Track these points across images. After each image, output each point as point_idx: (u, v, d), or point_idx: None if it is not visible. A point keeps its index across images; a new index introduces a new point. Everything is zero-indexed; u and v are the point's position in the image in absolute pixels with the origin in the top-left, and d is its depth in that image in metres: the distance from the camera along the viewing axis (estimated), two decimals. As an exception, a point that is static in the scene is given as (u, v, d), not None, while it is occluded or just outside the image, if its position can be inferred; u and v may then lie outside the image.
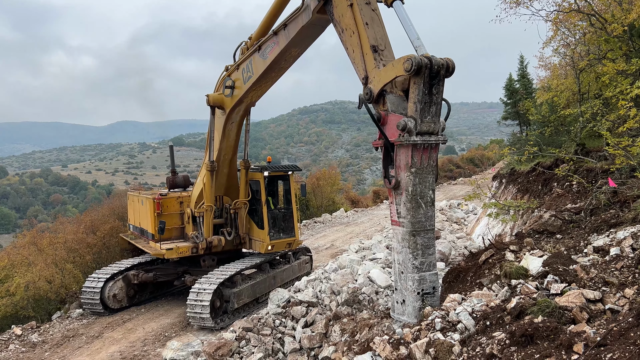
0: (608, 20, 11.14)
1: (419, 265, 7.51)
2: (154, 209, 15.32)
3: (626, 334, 4.19)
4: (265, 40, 11.93)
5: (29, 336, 13.62)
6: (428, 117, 7.16)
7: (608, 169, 9.52)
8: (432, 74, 6.93)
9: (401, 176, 7.41)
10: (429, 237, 7.60)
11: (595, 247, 6.62)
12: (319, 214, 32.76)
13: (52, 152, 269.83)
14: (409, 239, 7.45)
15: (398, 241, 7.67)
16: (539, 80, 25.85)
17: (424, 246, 7.53)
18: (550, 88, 17.06)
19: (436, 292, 7.73)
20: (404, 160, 7.33)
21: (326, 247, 22.33)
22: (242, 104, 14.05)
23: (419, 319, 7.46)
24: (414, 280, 7.47)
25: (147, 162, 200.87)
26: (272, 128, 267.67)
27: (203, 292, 12.97)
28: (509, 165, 18.89)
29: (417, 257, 7.49)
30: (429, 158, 7.41)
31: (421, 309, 7.50)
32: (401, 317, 7.76)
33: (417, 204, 7.41)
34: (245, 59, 13.04)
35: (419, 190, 7.40)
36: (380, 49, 7.99)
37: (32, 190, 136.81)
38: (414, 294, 7.48)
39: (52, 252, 18.77)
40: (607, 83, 10.99)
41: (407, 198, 7.38)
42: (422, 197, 7.46)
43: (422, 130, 7.17)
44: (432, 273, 7.69)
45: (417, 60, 6.78)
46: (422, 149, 7.26)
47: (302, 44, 11.35)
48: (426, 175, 7.45)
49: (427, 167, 7.43)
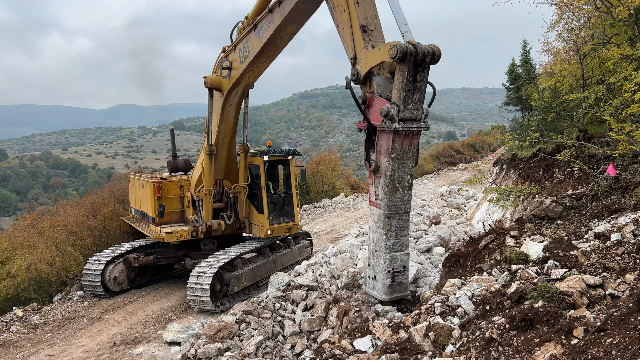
0: (614, 4, 10.98)
1: (392, 246, 7.89)
2: (154, 192, 15.31)
3: (626, 319, 4.19)
4: (261, 19, 11.84)
5: (31, 318, 13.72)
6: (411, 104, 7.23)
7: (610, 154, 9.48)
8: (417, 61, 6.95)
9: (381, 160, 7.59)
10: (403, 219, 7.91)
11: (596, 233, 6.62)
12: (319, 199, 32.76)
13: (52, 135, 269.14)
14: (384, 221, 7.76)
15: (374, 221, 7.98)
16: (542, 66, 25.63)
17: (397, 228, 7.88)
18: (553, 73, 16.91)
19: (406, 270, 8.14)
20: (385, 145, 7.48)
21: (326, 232, 22.38)
22: (239, 85, 13.96)
23: (387, 295, 8.00)
24: (385, 259, 7.90)
25: (147, 145, 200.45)
26: (273, 112, 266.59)
27: (203, 275, 13.01)
28: (510, 151, 18.83)
29: (390, 238, 7.85)
30: (409, 144, 7.56)
31: (390, 286, 7.98)
32: (371, 291, 8.28)
33: (395, 188, 7.65)
34: (242, 38, 12.94)
35: (398, 175, 7.61)
36: (370, 29, 7.99)
37: (33, 173, 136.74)
38: (384, 272, 7.93)
39: (53, 234, 18.81)
40: (611, 68, 10.87)
41: (385, 182, 7.60)
42: (400, 182, 7.68)
43: (405, 117, 7.26)
44: (404, 253, 8.07)
45: (402, 48, 6.78)
46: (403, 135, 7.39)
47: (297, 21, 11.28)
48: (406, 161, 7.65)
49: (408, 152, 7.61)
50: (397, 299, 8.31)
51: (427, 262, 12.69)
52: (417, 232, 15.58)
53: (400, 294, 8.25)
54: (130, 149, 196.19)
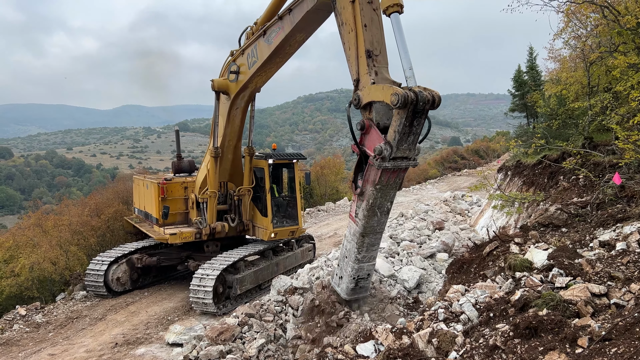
0: (622, 13, 10.97)
1: (361, 258, 8.63)
2: (159, 193, 15.34)
3: (631, 329, 4.17)
4: (271, 25, 11.84)
5: (33, 316, 13.76)
6: (404, 145, 7.44)
7: (616, 163, 9.45)
8: (416, 109, 7.04)
9: (367, 188, 8.02)
10: (376, 237, 8.59)
11: (601, 242, 6.59)
12: (322, 202, 32.76)
13: (57, 135, 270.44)
14: (359, 238, 8.42)
15: (350, 233, 8.65)
16: (548, 73, 25.59)
17: (369, 244, 8.59)
18: (559, 80, 16.88)
19: (369, 277, 9.06)
20: (372, 177, 7.85)
21: (329, 236, 22.37)
22: (246, 90, 13.98)
23: (349, 296, 9.03)
24: (352, 268, 8.69)
25: (151, 146, 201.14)
26: (277, 115, 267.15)
27: (206, 277, 13.02)
28: (515, 158, 18.77)
29: (361, 252, 8.57)
30: (396, 177, 7.91)
31: (353, 289, 8.97)
32: (336, 287, 9.25)
33: (374, 213, 8.18)
34: (250, 44, 12.96)
35: (379, 202, 8.11)
36: (375, 55, 8.08)
37: (37, 172, 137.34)
38: (350, 277, 8.81)
39: (57, 234, 18.89)
40: (617, 77, 10.85)
41: (366, 207, 8.09)
42: (380, 208, 8.20)
43: (397, 156, 7.49)
44: (370, 264, 8.91)
45: (404, 97, 6.86)
46: (391, 171, 7.72)
47: (307, 29, 11.30)
48: (389, 191, 8.08)
49: (392, 184, 7.97)
50: (356, 298, 9.36)
51: (430, 267, 12.67)
52: (420, 237, 15.56)
53: (360, 295, 9.28)
54: (134, 149, 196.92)
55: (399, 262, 12.83)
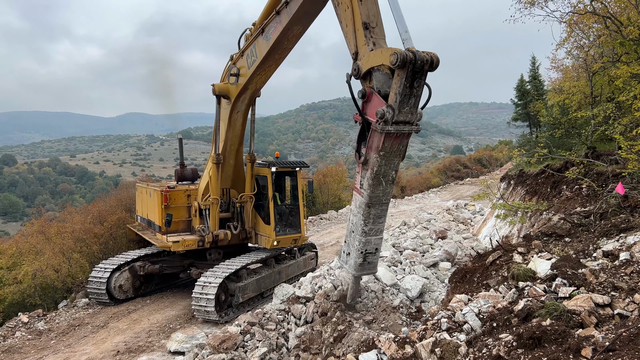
0: (624, 23, 11.01)
1: (368, 231, 8.44)
2: (162, 201, 15.38)
3: (635, 339, 4.15)
4: (269, 22, 12.13)
5: (35, 324, 13.75)
6: (406, 108, 7.44)
7: (619, 172, 9.44)
8: (415, 68, 7.12)
9: (370, 156, 7.93)
10: (382, 209, 8.42)
11: (605, 252, 6.57)
12: (324, 211, 32.74)
13: (60, 142, 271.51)
14: (364, 209, 8.26)
15: (356, 206, 8.51)
16: (551, 82, 25.65)
17: (376, 216, 8.41)
18: (562, 90, 16.91)
19: (377, 252, 8.77)
20: (376, 143, 7.77)
21: (332, 244, 22.33)
22: (247, 91, 14.17)
23: (357, 272, 8.74)
24: (360, 241, 8.48)
25: (154, 154, 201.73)
26: (280, 123, 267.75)
27: (208, 285, 13.01)
28: (518, 167, 18.77)
29: (368, 224, 8.39)
30: (399, 144, 7.84)
31: (361, 264, 8.68)
32: (344, 264, 9.02)
33: (379, 181, 8.06)
34: (249, 44, 13.22)
35: (383, 170, 8.00)
36: (372, 27, 8.22)
37: (41, 179, 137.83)
38: (357, 252, 8.56)
39: (60, 241, 18.92)
40: (620, 87, 10.87)
41: (371, 175, 7.98)
42: (385, 177, 8.09)
43: (399, 120, 7.47)
44: (378, 237, 8.68)
45: (403, 55, 6.97)
46: (394, 136, 7.65)
47: (303, 21, 11.53)
48: (393, 158, 7.99)
49: (396, 151, 7.90)
50: (365, 275, 9.12)
51: (433, 277, 12.63)
52: (423, 246, 15.52)
53: (369, 272, 8.96)
54: (138, 157, 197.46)
55: (401, 271, 12.80)
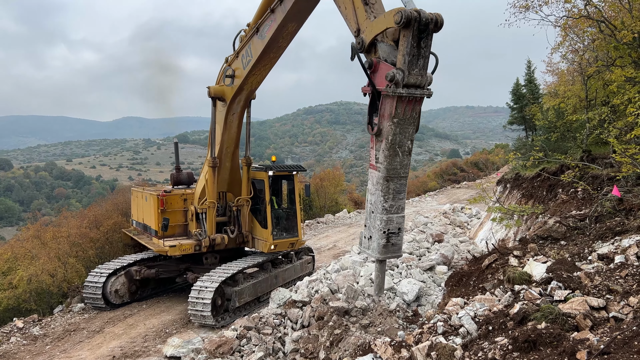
0: (618, 27, 11.09)
1: (389, 208, 8.04)
2: (158, 205, 15.34)
3: (630, 342, 4.17)
4: (263, 21, 12.20)
5: (31, 329, 13.68)
6: (415, 69, 7.37)
7: (614, 176, 9.48)
8: (420, 26, 7.12)
9: (383, 125, 7.72)
10: (401, 183, 8.09)
11: (600, 255, 6.59)
12: (322, 214, 32.74)
13: (57, 146, 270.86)
14: (383, 184, 7.92)
15: (372, 184, 8.16)
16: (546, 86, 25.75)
17: (395, 191, 8.04)
18: (557, 94, 17.00)
19: (401, 232, 8.30)
20: (388, 110, 7.61)
21: (328, 248, 22.32)
22: (242, 92, 14.21)
23: (381, 255, 8.19)
24: (381, 220, 8.04)
25: (151, 158, 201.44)
26: (277, 127, 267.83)
27: (205, 290, 12.98)
28: (514, 170, 18.84)
29: (388, 200, 8.00)
30: (412, 110, 7.69)
31: (385, 246, 8.16)
32: (366, 250, 8.47)
33: (395, 152, 7.80)
34: (244, 44, 13.29)
35: (399, 139, 7.76)
36: (371, 3, 8.22)
37: (37, 184, 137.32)
38: (380, 232, 8.07)
39: (56, 245, 18.84)
40: (615, 91, 10.94)
41: (386, 146, 7.73)
42: (401, 147, 7.83)
43: (409, 83, 7.38)
44: (400, 215, 8.25)
45: (407, 14, 6.97)
46: (406, 101, 7.51)
47: (298, 17, 11.59)
48: (407, 126, 7.77)
49: (410, 118, 7.73)
50: (390, 258, 8.62)
51: (429, 280, 12.64)
52: (420, 250, 15.54)
53: (393, 254, 8.49)
54: (134, 161, 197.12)
55: (398, 274, 12.81)
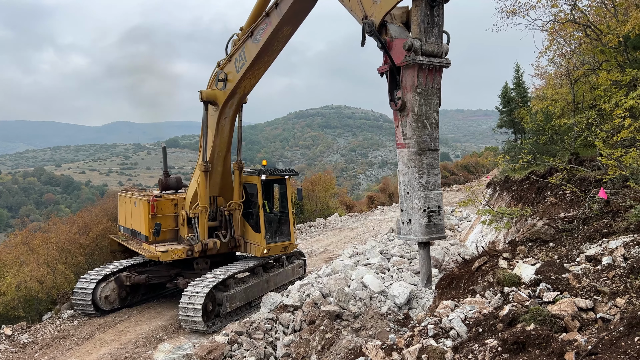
0: (603, 32, 11.25)
1: (425, 184, 7.75)
2: (149, 210, 15.25)
3: (617, 342, 4.22)
4: (258, 24, 12.20)
5: (19, 336, 13.51)
6: (432, 38, 7.45)
7: (601, 178, 9.59)
8: None
9: (407, 97, 7.63)
10: (433, 157, 7.87)
11: (588, 256, 6.66)
12: (313, 218, 32.73)
13: (45, 152, 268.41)
14: (415, 159, 7.70)
15: (403, 163, 7.89)
16: (534, 89, 26.02)
17: (429, 166, 7.79)
18: (545, 97, 17.17)
19: (441, 211, 7.94)
20: (410, 81, 7.57)
21: (320, 252, 22.31)
22: (235, 96, 14.20)
23: (425, 235, 7.74)
24: (420, 198, 7.71)
25: (141, 163, 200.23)
26: (268, 131, 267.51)
27: (195, 295, 12.92)
28: (503, 173, 18.97)
29: (423, 176, 7.73)
30: (433, 80, 7.67)
31: (427, 225, 7.74)
32: (407, 236, 8.02)
33: (423, 124, 7.65)
34: (238, 48, 13.26)
35: (425, 111, 7.65)
36: None
37: (25, 190, 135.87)
38: (420, 211, 7.72)
39: (44, 252, 18.66)
40: (602, 94, 11.08)
41: (413, 118, 7.62)
42: (427, 118, 7.71)
43: (427, 51, 7.42)
44: (437, 192, 7.95)
45: None
46: (427, 70, 7.52)
47: (293, 21, 11.64)
48: (431, 97, 7.70)
49: (432, 89, 7.69)
50: (434, 239, 8.16)
51: (420, 283, 12.68)
52: (411, 253, 15.59)
53: (437, 235, 8.06)
54: (124, 166, 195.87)
55: (389, 278, 12.84)
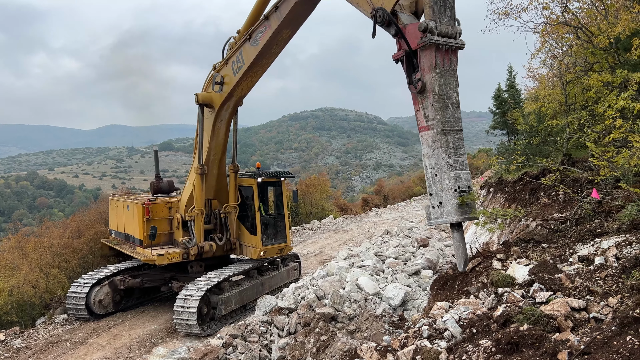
0: (594, 33, 11.34)
1: (453, 163, 7.68)
2: (143, 214, 15.19)
3: (609, 342, 4.24)
4: (256, 27, 12.20)
5: (12, 342, 13.41)
6: (445, 19, 7.56)
7: (593, 179, 9.65)
8: None
9: (426, 78, 7.65)
10: (458, 137, 7.84)
11: (580, 257, 6.70)
12: (308, 221, 32.72)
13: (38, 155, 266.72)
14: (441, 139, 7.63)
15: (428, 145, 7.81)
16: (527, 91, 26.18)
17: (455, 145, 7.75)
18: (538, 98, 17.28)
19: (471, 190, 7.87)
20: (428, 62, 7.62)
21: (315, 254, 22.30)
22: (231, 99, 14.19)
23: (459, 216, 7.64)
24: (449, 178, 7.63)
25: (135, 166, 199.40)
26: (262, 134, 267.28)
27: (190, 298, 12.88)
28: (497, 174, 19.04)
29: (451, 155, 7.66)
30: (450, 61, 7.73)
31: (460, 205, 7.62)
32: (439, 219, 7.91)
33: (445, 104, 7.65)
34: (235, 51, 13.25)
35: (445, 91, 7.65)
36: None
37: (18, 194, 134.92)
38: (451, 192, 7.63)
39: (37, 256, 18.53)
40: (594, 97, 11.16)
41: (435, 99, 7.62)
42: (449, 98, 7.71)
43: (442, 32, 7.50)
44: (466, 172, 7.89)
45: None
46: (443, 50, 7.58)
47: (293, 24, 11.69)
48: (450, 78, 7.74)
49: (450, 70, 7.74)
50: (467, 219, 8.07)
51: (415, 285, 12.70)
52: (405, 254, 15.62)
53: (469, 216, 7.97)
54: (118, 169, 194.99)
55: (384, 279, 12.85)
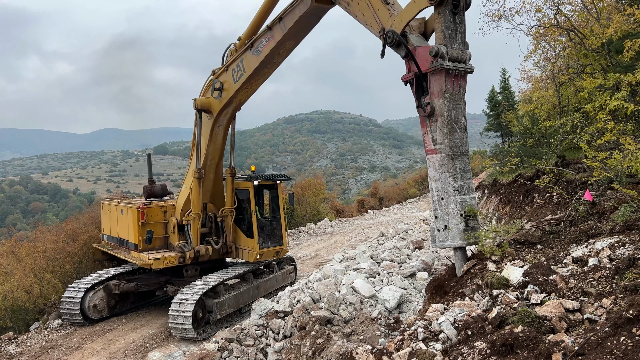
0: (587, 36, 11.42)
1: (460, 188, 7.70)
2: (138, 218, 15.12)
3: (603, 343, 4.27)
4: (259, 37, 12.14)
5: (6, 347, 13.32)
6: (456, 44, 7.56)
7: (587, 180, 9.72)
8: (454, 2, 7.40)
9: (435, 102, 7.67)
10: (465, 161, 7.88)
11: (574, 258, 6.73)
12: (303, 224, 32.71)
13: (32, 160, 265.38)
14: (448, 163, 7.67)
15: (435, 168, 7.84)
16: (521, 93, 26.33)
17: (462, 170, 7.78)
18: (531, 100, 17.38)
19: (476, 216, 7.89)
20: (438, 86, 7.63)
21: (310, 257, 22.29)
22: (230, 105, 14.14)
23: (464, 240, 7.64)
24: (456, 203, 7.66)
25: (129, 170, 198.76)
26: (257, 137, 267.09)
27: (185, 302, 12.83)
28: (492, 176, 19.14)
29: (457, 180, 7.69)
30: (459, 86, 7.77)
31: (465, 231, 7.65)
32: (444, 242, 7.93)
33: (453, 128, 7.67)
34: (236, 59, 13.18)
35: (454, 115, 7.68)
36: (391, 3, 8.41)
37: (11, 198, 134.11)
38: (457, 216, 7.65)
39: (31, 261, 18.42)
40: (586, 98, 11.24)
41: (443, 123, 7.64)
42: (457, 123, 7.74)
43: (452, 56, 7.51)
44: (472, 197, 7.92)
45: None
46: (453, 75, 7.60)
47: (297, 36, 11.66)
48: (458, 102, 7.78)
49: (459, 94, 7.78)
50: (471, 244, 8.04)
51: (410, 287, 12.71)
52: (400, 256, 15.63)
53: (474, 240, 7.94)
54: (112, 173, 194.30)
55: (379, 282, 12.85)
